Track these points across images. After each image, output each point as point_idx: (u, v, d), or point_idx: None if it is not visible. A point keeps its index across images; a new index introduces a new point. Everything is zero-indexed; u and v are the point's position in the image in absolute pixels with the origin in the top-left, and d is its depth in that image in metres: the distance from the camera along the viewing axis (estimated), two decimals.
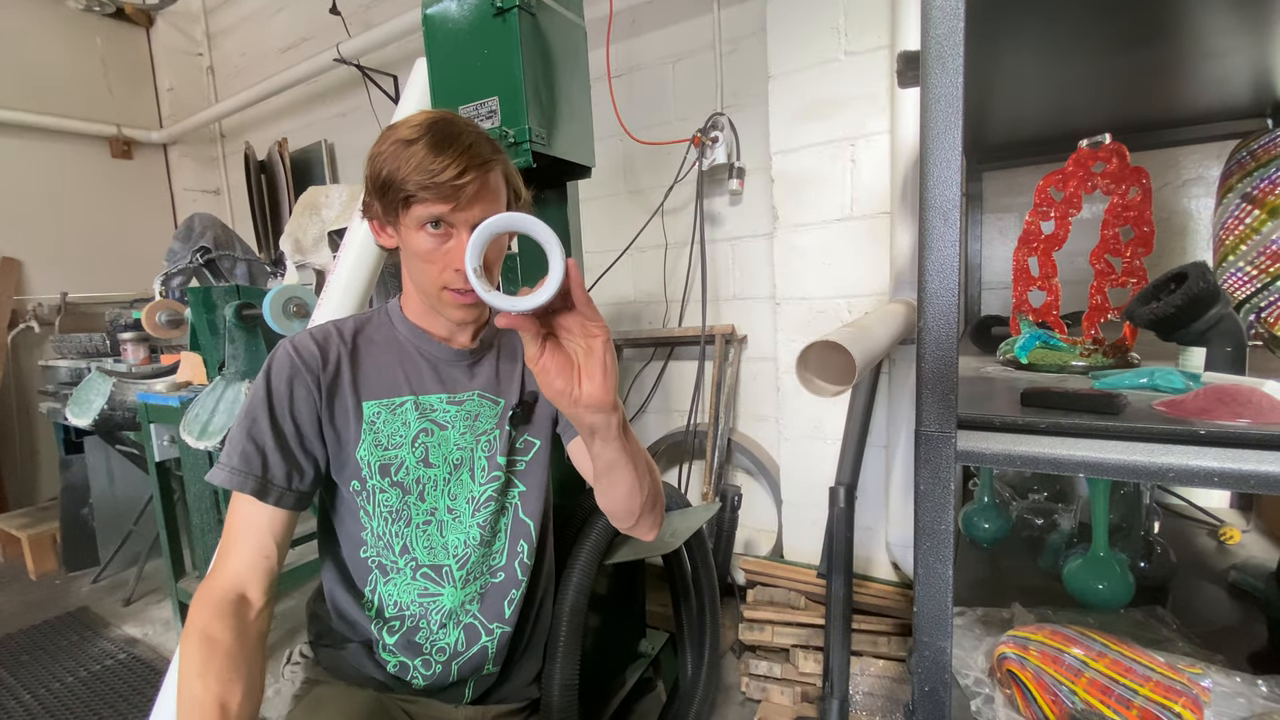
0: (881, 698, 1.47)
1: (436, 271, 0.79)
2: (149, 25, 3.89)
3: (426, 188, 0.74)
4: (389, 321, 0.90)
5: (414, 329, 0.88)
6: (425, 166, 0.73)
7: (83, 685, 1.98)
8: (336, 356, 0.84)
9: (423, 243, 0.78)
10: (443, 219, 0.76)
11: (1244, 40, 0.84)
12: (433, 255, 0.78)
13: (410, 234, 0.78)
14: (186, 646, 0.69)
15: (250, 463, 0.77)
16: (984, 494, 1.23)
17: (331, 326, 0.87)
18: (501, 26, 1.13)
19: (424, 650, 0.86)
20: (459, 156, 0.75)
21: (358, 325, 0.89)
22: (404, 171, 0.74)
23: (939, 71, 0.56)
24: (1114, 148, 0.92)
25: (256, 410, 0.79)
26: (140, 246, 3.76)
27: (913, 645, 0.64)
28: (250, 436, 0.78)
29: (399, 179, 0.74)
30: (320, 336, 0.85)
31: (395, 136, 0.76)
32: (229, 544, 0.78)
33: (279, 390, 0.80)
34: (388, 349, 0.88)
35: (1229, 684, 0.72)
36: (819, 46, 1.67)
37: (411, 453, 0.85)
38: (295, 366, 0.81)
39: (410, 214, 0.76)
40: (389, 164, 0.75)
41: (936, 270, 0.58)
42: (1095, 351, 0.89)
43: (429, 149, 0.74)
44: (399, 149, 0.75)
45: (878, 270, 1.68)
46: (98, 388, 2.10)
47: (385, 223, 0.81)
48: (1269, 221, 0.89)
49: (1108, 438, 0.55)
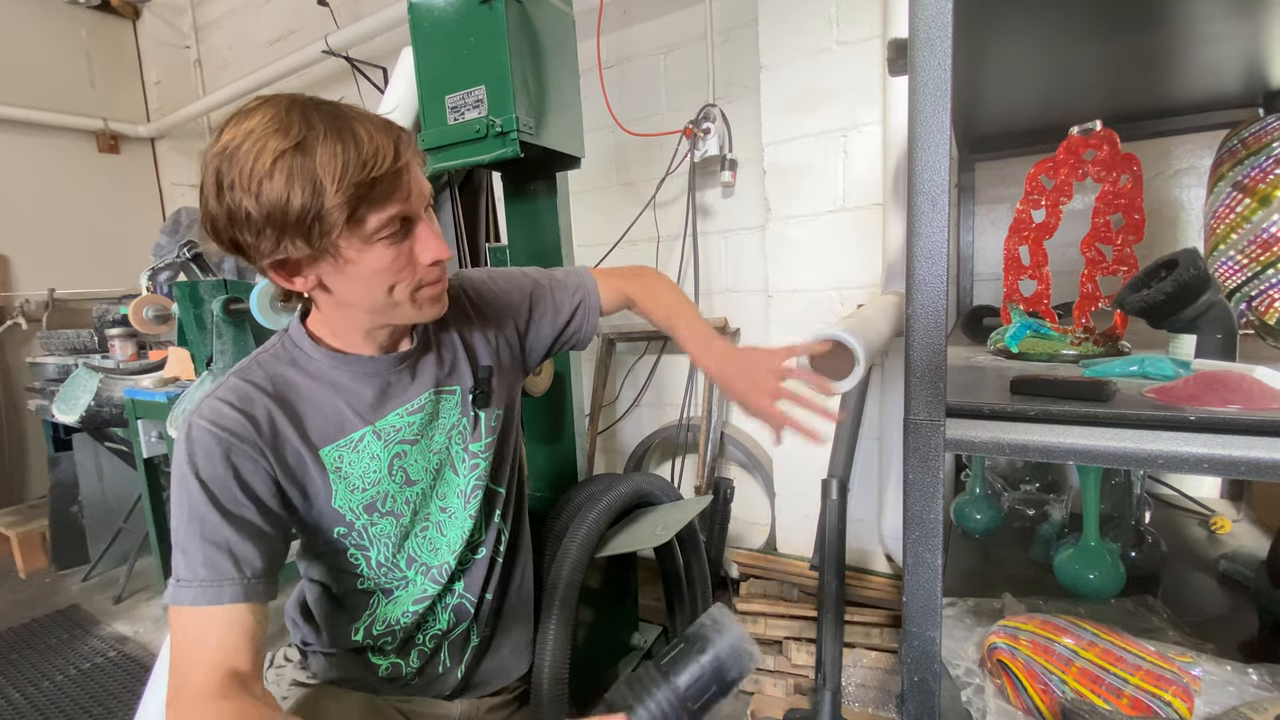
0: (874, 689, 1.47)
1: (409, 277, 0.68)
2: (135, 17, 3.84)
3: (377, 183, 0.60)
4: (303, 354, 0.75)
5: (337, 357, 0.75)
6: (356, 164, 0.59)
7: (72, 683, 1.97)
8: (266, 413, 0.70)
9: (381, 256, 0.64)
10: (404, 216, 0.65)
11: (1235, 26, 0.83)
12: (399, 261, 0.66)
13: (362, 256, 0.64)
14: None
15: (219, 568, 0.63)
16: (976, 485, 1.23)
17: (242, 383, 0.71)
18: (488, 14, 1.11)
19: (418, 643, 0.85)
20: (378, 131, 0.62)
21: (270, 371, 0.73)
22: (329, 186, 0.58)
23: (927, 54, 0.55)
24: (1105, 134, 0.91)
25: (198, 509, 0.64)
26: (128, 242, 3.72)
27: (904, 633, 0.64)
28: (205, 540, 0.63)
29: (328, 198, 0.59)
30: (237, 399, 0.69)
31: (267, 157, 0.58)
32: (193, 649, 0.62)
33: (215, 475, 0.65)
34: (318, 386, 0.74)
35: (1219, 672, 0.72)
36: (811, 36, 1.66)
37: (392, 482, 0.78)
38: (225, 441, 0.66)
39: (362, 230, 0.62)
40: (295, 191, 0.58)
41: (925, 256, 0.57)
42: (1086, 340, 0.88)
43: (347, 141, 0.60)
44: (293, 168, 0.58)
45: (870, 262, 1.68)
46: (84, 384, 2.08)
47: (311, 264, 0.65)
48: (1260, 210, 0.89)
49: (1097, 425, 0.55)
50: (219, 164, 0.60)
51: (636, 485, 1.28)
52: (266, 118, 0.60)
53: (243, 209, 0.60)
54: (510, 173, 1.41)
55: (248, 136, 0.60)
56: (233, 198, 0.60)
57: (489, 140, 1.15)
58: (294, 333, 0.76)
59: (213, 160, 0.61)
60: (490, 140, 1.15)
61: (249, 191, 0.59)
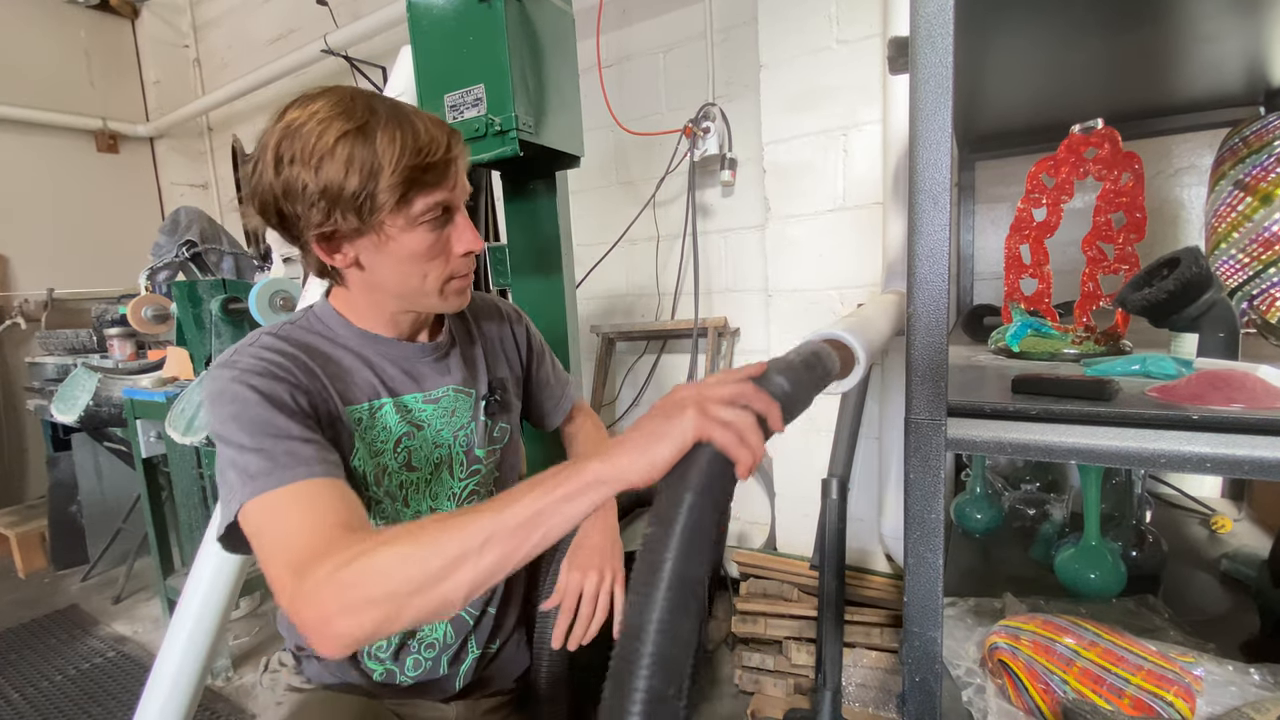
0: (874, 689, 1.47)
1: (442, 264, 0.72)
2: (134, 17, 3.84)
3: (425, 169, 0.65)
4: (329, 329, 0.77)
5: (365, 335, 0.77)
6: (413, 149, 0.64)
7: (71, 683, 1.96)
8: (300, 364, 0.70)
9: (422, 240, 0.69)
10: (446, 205, 0.69)
11: (1236, 23, 0.83)
12: (434, 249, 0.70)
13: (403, 237, 0.68)
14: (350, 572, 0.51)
15: (300, 455, 0.61)
16: (976, 484, 1.23)
17: (271, 338, 0.72)
18: (487, 12, 1.11)
19: (413, 651, 0.84)
20: (434, 125, 0.67)
21: (298, 336, 0.74)
22: (386, 167, 0.63)
23: (928, 51, 0.55)
24: (1106, 133, 0.91)
25: (261, 416, 0.63)
26: (127, 241, 3.72)
27: (904, 634, 0.64)
28: (278, 438, 0.62)
29: (382, 178, 0.63)
30: (270, 347, 0.70)
31: (331, 135, 0.63)
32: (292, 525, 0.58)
33: (272, 390, 0.65)
34: (346, 354, 0.76)
35: (1221, 672, 0.71)
36: (811, 35, 1.66)
37: (394, 458, 0.78)
38: (270, 372, 0.67)
39: (409, 211, 0.67)
40: (354, 168, 0.63)
41: (926, 255, 0.57)
42: (1087, 339, 0.88)
43: (406, 129, 0.65)
44: (355, 147, 0.63)
45: (870, 261, 1.68)
46: (83, 384, 2.08)
47: (353, 240, 0.69)
48: (1261, 208, 0.88)
49: (1100, 424, 0.55)
50: (280, 140, 0.65)
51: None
52: (331, 102, 0.65)
53: (300, 181, 0.64)
54: (509, 172, 1.40)
55: (312, 117, 0.64)
56: (292, 171, 0.64)
57: (488, 139, 1.15)
58: (320, 309, 0.78)
59: (274, 137, 0.65)
60: (490, 139, 1.15)
61: (309, 166, 0.63)
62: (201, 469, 1.90)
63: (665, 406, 0.50)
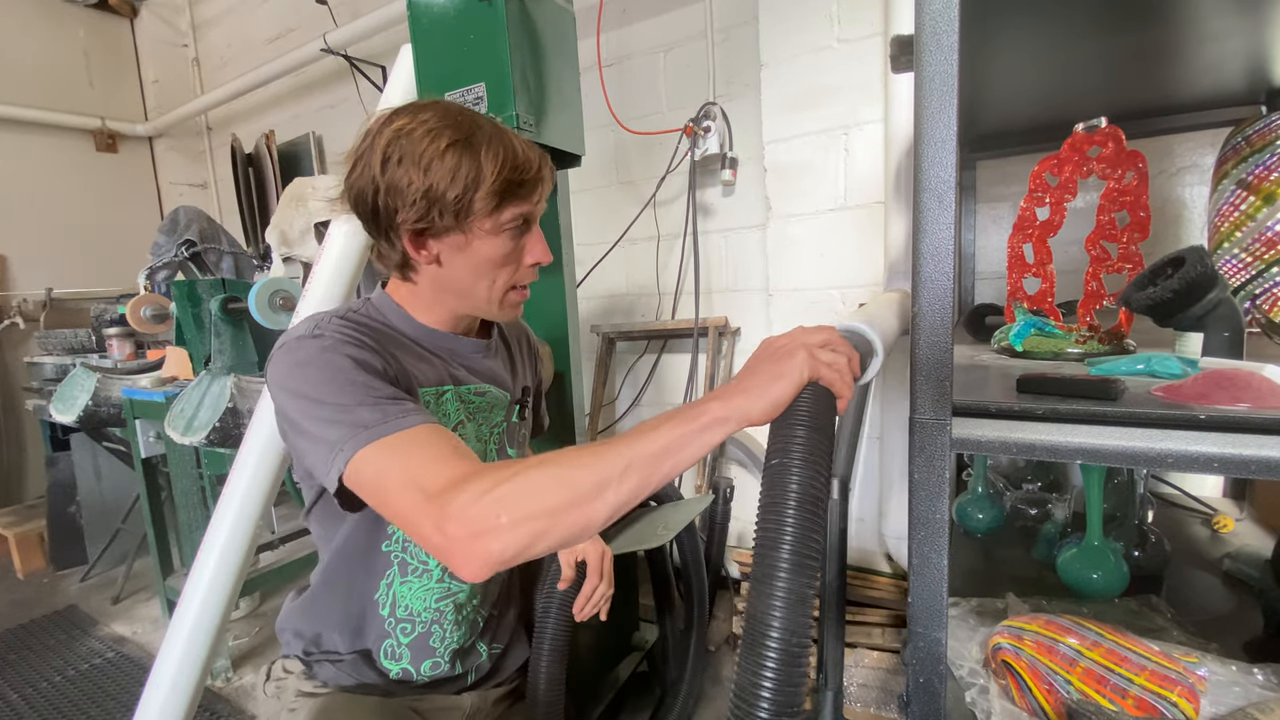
0: (876, 689, 1.47)
1: (510, 271, 0.77)
2: (132, 16, 3.83)
3: (521, 184, 0.72)
4: (388, 321, 0.80)
5: (425, 329, 0.81)
6: (513, 164, 0.71)
7: (70, 684, 1.96)
8: (377, 336, 0.74)
9: (503, 245, 0.75)
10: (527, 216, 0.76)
11: (1238, 22, 0.83)
12: (509, 256, 0.76)
13: (486, 241, 0.74)
14: (545, 471, 0.54)
15: (406, 406, 0.63)
16: (978, 484, 1.22)
17: (338, 320, 0.74)
18: (488, 11, 1.10)
19: (435, 653, 0.85)
20: (530, 146, 0.74)
21: (360, 320, 0.77)
22: (489, 176, 0.70)
23: (934, 50, 0.54)
24: (1110, 131, 0.91)
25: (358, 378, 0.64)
26: (126, 241, 3.71)
27: (907, 636, 0.63)
28: (379, 396, 0.63)
29: (484, 184, 0.70)
30: (351, 319, 0.74)
31: (442, 142, 0.69)
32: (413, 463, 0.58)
33: (354, 354, 0.67)
34: (408, 342, 0.80)
35: (1225, 672, 0.71)
36: (812, 33, 1.66)
37: None
38: (353, 340, 0.69)
39: (498, 218, 0.73)
40: (460, 174, 0.69)
41: (931, 254, 0.56)
42: (1091, 338, 0.88)
43: (506, 145, 0.71)
44: (463, 155, 0.69)
45: (872, 261, 1.67)
46: (82, 384, 2.07)
47: (440, 238, 0.73)
48: (1264, 208, 0.88)
49: (1106, 424, 0.54)
50: (390, 141, 0.70)
51: None
52: (439, 113, 0.71)
53: (406, 179, 0.69)
54: None
55: (421, 125, 0.70)
56: (399, 171, 0.70)
57: None
58: (379, 300, 0.81)
59: (384, 139, 0.71)
60: None
61: (419, 167, 0.69)
62: (201, 469, 1.89)
63: (771, 354, 0.57)
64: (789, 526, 0.47)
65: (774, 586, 0.45)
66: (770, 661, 0.43)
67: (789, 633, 0.44)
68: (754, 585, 0.47)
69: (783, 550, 0.46)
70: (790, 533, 0.46)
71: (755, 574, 0.47)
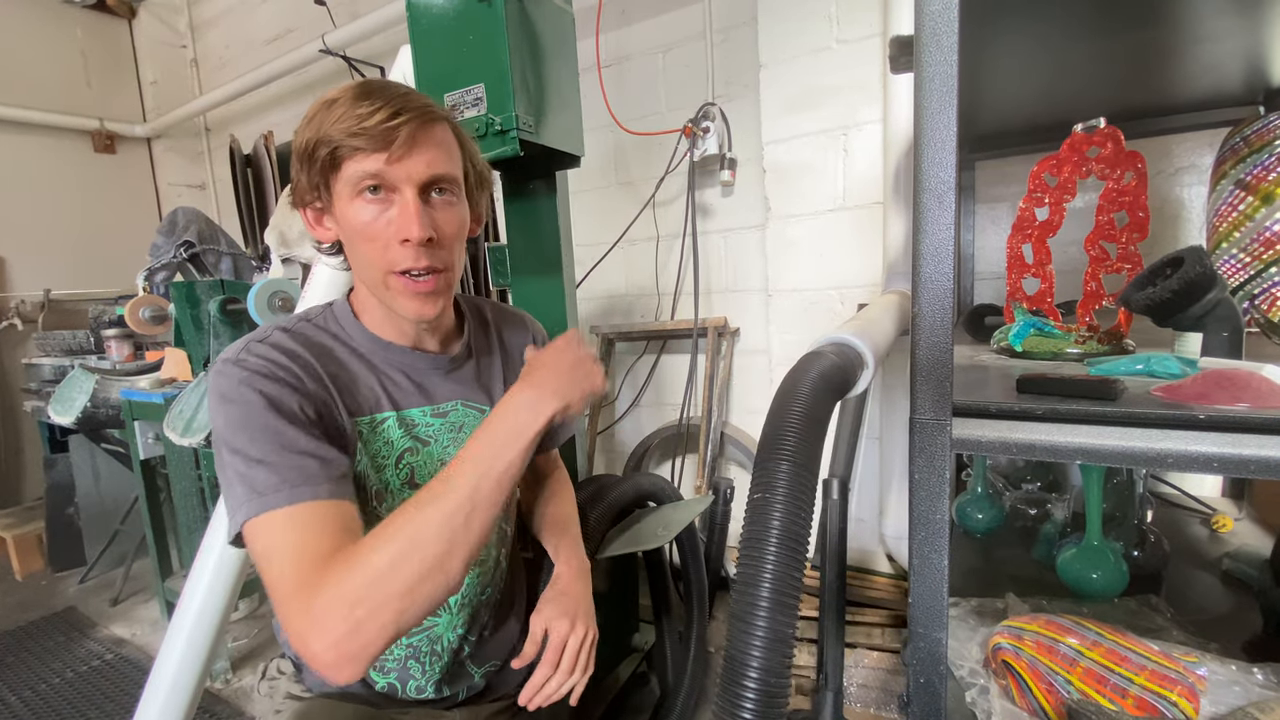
0: (876, 689, 1.47)
1: (380, 249, 0.68)
2: (130, 17, 3.82)
3: (355, 134, 0.64)
4: (343, 330, 0.76)
5: (375, 340, 0.76)
6: (351, 113, 0.64)
7: (69, 686, 1.95)
8: (307, 365, 0.69)
9: (360, 212, 0.67)
10: (381, 179, 0.66)
11: (1236, 22, 0.83)
12: (373, 227, 0.67)
13: (346, 207, 0.68)
14: (359, 557, 0.54)
15: (307, 471, 0.60)
16: (977, 484, 1.22)
17: (282, 335, 0.71)
18: (487, 11, 1.10)
19: (416, 679, 0.83)
20: (390, 100, 0.65)
21: (309, 334, 0.74)
22: (328, 126, 0.64)
23: (934, 50, 0.54)
24: (1109, 132, 0.91)
25: (270, 424, 0.62)
26: (125, 242, 3.70)
27: (907, 636, 0.63)
28: (286, 449, 0.61)
29: (323, 135, 0.65)
30: (279, 344, 0.69)
31: (320, 101, 0.68)
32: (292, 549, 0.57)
33: (279, 394, 0.64)
34: (355, 360, 0.75)
35: (1225, 672, 0.71)
36: (811, 34, 1.66)
37: (396, 474, 0.76)
38: (273, 374, 0.66)
39: (341, 176, 0.66)
40: (313, 126, 0.66)
41: (931, 254, 0.56)
42: (1090, 338, 0.88)
43: (355, 98, 0.65)
44: (323, 109, 0.66)
45: (870, 261, 1.68)
46: (80, 385, 2.07)
47: (317, 203, 0.70)
48: (1263, 208, 0.88)
49: (1106, 424, 0.54)
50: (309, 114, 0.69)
51: (637, 485, 1.27)
52: (364, 81, 0.69)
53: (299, 140, 0.68)
54: (509, 171, 1.40)
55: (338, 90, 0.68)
56: (296, 136, 0.69)
57: (488, 138, 1.14)
58: (337, 307, 0.78)
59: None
60: (489, 138, 1.14)
61: (298, 131, 0.68)
62: (200, 470, 1.89)
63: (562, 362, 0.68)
64: (769, 564, 0.46)
65: (753, 626, 0.45)
66: (748, 704, 0.43)
67: (767, 673, 0.44)
68: (733, 624, 0.47)
69: (762, 589, 0.46)
70: (770, 571, 0.46)
71: (734, 611, 0.47)
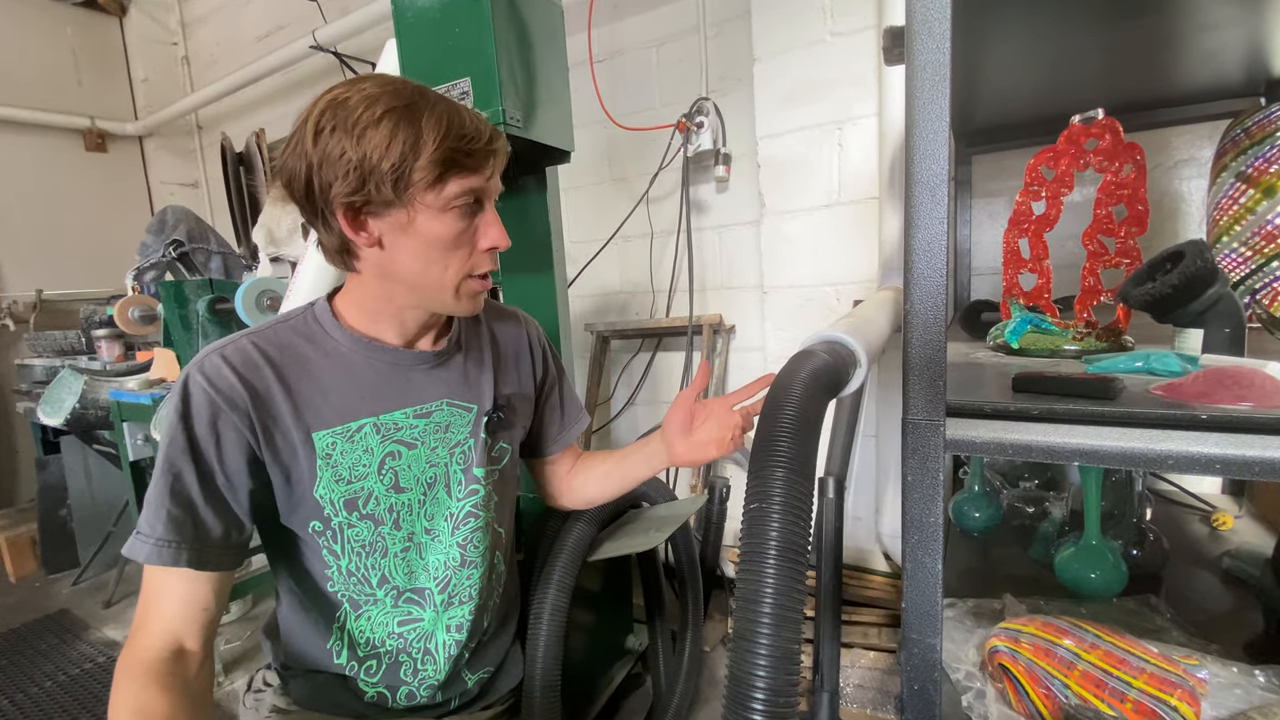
0: (872, 690, 1.45)
1: (464, 256, 0.70)
2: (121, 14, 3.79)
3: (471, 155, 0.65)
4: (322, 331, 0.75)
5: (358, 340, 0.75)
6: (457, 132, 0.65)
7: (62, 689, 1.94)
8: (265, 384, 0.69)
9: (450, 226, 0.68)
10: (480, 194, 0.69)
11: (1236, 12, 0.81)
12: (460, 239, 0.69)
13: (431, 219, 0.67)
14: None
15: (181, 529, 0.64)
16: (974, 482, 1.21)
17: (249, 346, 0.70)
18: (473, 4, 1.08)
19: (408, 683, 0.81)
20: (478, 117, 0.68)
21: (283, 341, 0.73)
22: (429, 143, 0.63)
23: (925, 38, 0.53)
24: (1107, 123, 0.89)
25: (178, 461, 0.65)
26: (117, 241, 3.67)
27: (902, 640, 0.62)
28: (174, 496, 0.65)
29: (424, 153, 0.63)
30: (239, 362, 0.68)
31: (378, 109, 0.63)
32: (151, 606, 0.66)
33: (202, 435, 0.66)
34: (331, 365, 0.73)
35: (1226, 674, 0.70)
36: (805, 28, 1.64)
37: (379, 481, 0.75)
38: (215, 405, 0.66)
39: (441, 193, 0.66)
40: (397, 141, 0.63)
41: (924, 249, 0.54)
42: (1088, 335, 0.86)
43: (449, 114, 0.65)
44: (400, 122, 0.63)
45: (866, 257, 1.66)
46: (69, 386, 2.05)
47: (380, 217, 0.67)
48: (1264, 201, 0.87)
49: (1104, 424, 0.53)
50: (323, 112, 0.65)
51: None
52: (380, 82, 0.66)
53: (339, 149, 0.63)
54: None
55: (360, 93, 0.65)
56: (331, 140, 0.64)
57: None
58: (318, 309, 0.76)
59: (316, 109, 0.65)
60: None
61: (350, 135, 0.63)
62: None
63: None
64: (770, 579, 0.44)
65: (757, 644, 0.43)
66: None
67: (775, 693, 0.42)
68: (735, 643, 0.45)
69: (764, 605, 0.44)
70: (772, 586, 0.44)
71: (737, 630, 0.45)
